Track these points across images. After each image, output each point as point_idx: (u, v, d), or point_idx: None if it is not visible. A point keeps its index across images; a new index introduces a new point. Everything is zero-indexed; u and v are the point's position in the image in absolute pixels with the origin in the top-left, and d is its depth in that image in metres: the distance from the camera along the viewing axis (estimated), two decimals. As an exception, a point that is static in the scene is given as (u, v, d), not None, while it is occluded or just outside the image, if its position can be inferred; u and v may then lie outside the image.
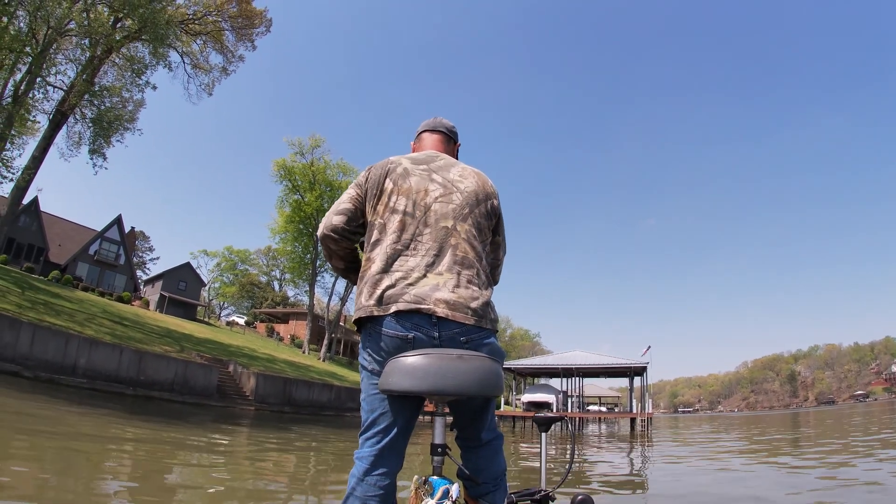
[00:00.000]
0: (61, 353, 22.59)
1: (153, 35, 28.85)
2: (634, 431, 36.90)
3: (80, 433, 11.32)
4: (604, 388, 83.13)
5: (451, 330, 2.07)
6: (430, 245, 2.19)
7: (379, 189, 2.33)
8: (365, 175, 2.42)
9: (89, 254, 58.09)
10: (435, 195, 2.30)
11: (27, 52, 26.62)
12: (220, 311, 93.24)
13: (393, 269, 2.15)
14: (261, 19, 37.76)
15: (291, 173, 56.36)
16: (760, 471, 11.13)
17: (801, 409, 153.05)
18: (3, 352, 20.82)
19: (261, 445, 14.39)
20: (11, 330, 21.38)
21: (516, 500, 2.10)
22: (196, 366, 28.89)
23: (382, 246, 2.21)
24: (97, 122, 30.74)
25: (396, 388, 1.90)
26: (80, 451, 8.92)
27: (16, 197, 29.88)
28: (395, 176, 2.34)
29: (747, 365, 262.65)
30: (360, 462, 2.05)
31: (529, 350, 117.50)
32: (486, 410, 2.27)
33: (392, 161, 2.43)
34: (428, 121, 2.81)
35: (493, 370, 1.97)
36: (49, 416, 13.48)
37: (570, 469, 2.56)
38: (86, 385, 22.63)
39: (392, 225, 2.24)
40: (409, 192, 2.29)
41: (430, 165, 2.42)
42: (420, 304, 2.06)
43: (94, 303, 39.03)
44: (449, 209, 2.28)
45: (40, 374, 21.38)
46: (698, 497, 7.75)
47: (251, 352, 43.43)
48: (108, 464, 8.21)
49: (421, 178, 2.35)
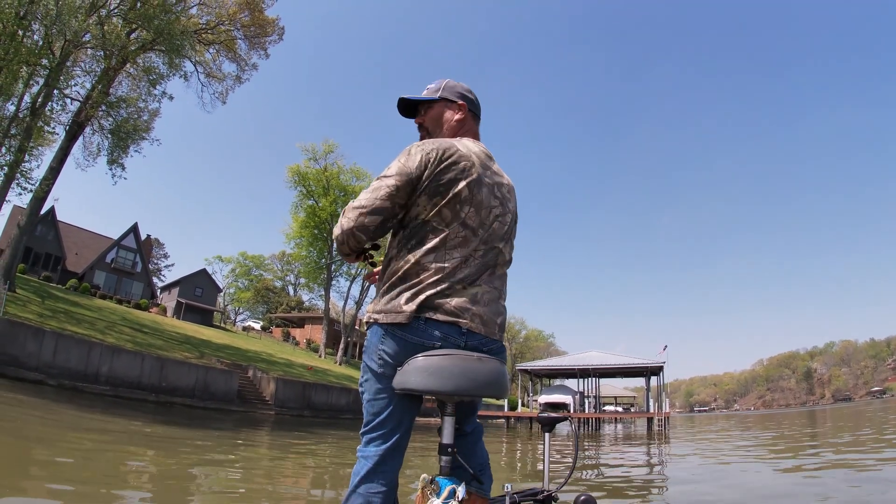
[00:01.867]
0: (84, 362, 22.88)
1: (169, 46, 29.09)
2: (652, 431, 36.78)
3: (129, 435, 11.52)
4: (619, 388, 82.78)
5: (477, 341, 2.09)
6: (480, 262, 2.14)
7: (447, 187, 2.10)
8: (421, 163, 2.11)
9: (106, 262, 58.55)
10: (496, 213, 2.21)
11: (44, 64, 26.91)
12: (236, 316, 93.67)
13: (442, 279, 2.06)
14: (273, 27, 37.82)
15: (305, 179, 56.69)
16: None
17: (818, 407, 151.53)
18: (28, 361, 21.12)
19: (288, 449, 14.51)
20: (35, 339, 21.67)
21: (519, 500, 2.07)
22: (217, 371, 29.17)
23: (438, 255, 2.08)
24: (115, 133, 31.01)
25: (418, 387, 1.92)
26: (133, 453, 9.10)
27: (34, 207, 30.18)
28: (472, 182, 2.14)
29: (763, 363, 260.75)
30: (365, 461, 2.03)
31: (544, 351, 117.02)
32: (478, 406, 2.32)
33: (462, 155, 2.16)
34: (474, 97, 2.50)
35: (504, 373, 2.06)
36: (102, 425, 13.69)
37: (573, 469, 2.54)
38: (109, 392, 22.88)
39: (456, 239, 2.10)
40: (479, 207, 2.15)
41: (492, 174, 2.26)
42: (458, 318, 2.04)
43: (112, 310, 39.41)
44: (502, 231, 2.24)
45: (64, 381, 21.65)
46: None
47: (269, 357, 43.69)
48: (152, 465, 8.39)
49: (489, 189, 2.21)
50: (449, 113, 2.41)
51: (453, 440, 1.99)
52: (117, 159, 31.42)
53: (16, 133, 27.82)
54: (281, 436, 19.14)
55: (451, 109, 2.41)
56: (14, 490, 5.63)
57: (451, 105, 2.41)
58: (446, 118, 2.40)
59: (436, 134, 2.40)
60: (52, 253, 55.02)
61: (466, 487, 1.93)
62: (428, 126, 2.43)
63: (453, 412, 2.02)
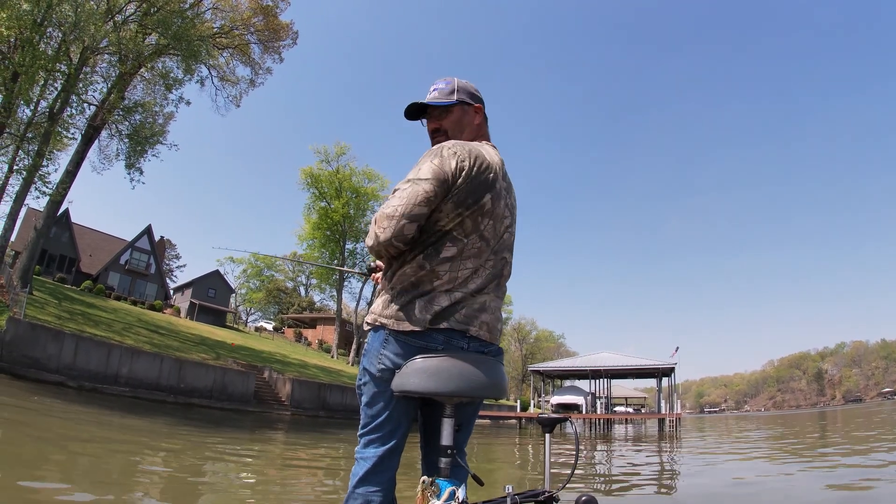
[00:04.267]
0: (104, 363, 23.21)
1: (187, 52, 29.34)
2: (663, 432, 36.82)
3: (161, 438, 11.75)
4: (629, 389, 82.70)
5: (479, 343, 2.12)
6: (490, 272, 2.16)
7: (476, 200, 2.08)
8: (458, 171, 2.07)
9: (120, 263, 58.92)
10: (506, 224, 2.22)
11: (63, 70, 27.18)
12: (247, 316, 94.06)
13: (455, 289, 2.07)
14: (287, 32, 37.98)
15: (318, 181, 57.04)
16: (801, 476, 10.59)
17: (829, 408, 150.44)
18: (48, 363, 21.47)
19: (314, 448, 14.69)
20: (56, 342, 22.01)
21: (520, 501, 2.05)
22: (234, 373, 29.47)
23: (454, 265, 2.08)
24: (132, 138, 31.32)
25: (417, 389, 1.92)
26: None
27: (51, 210, 30.50)
28: (494, 193, 2.13)
29: (773, 363, 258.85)
30: (364, 462, 2.05)
31: (554, 352, 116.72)
32: (476, 412, 2.31)
33: (489, 166, 2.15)
34: (477, 90, 2.45)
35: (503, 374, 2.10)
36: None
37: (574, 469, 2.54)
38: (128, 394, 23.20)
39: (472, 250, 2.10)
40: (497, 220, 2.15)
41: (506, 184, 2.28)
42: (467, 326, 2.06)
43: (128, 312, 39.78)
44: (510, 242, 2.27)
45: (84, 383, 21.98)
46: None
47: (283, 357, 43.94)
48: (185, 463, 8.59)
49: (505, 202, 2.20)
50: (468, 116, 2.37)
51: (452, 441, 2.00)
52: (135, 164, 31.72)
53: (32, 137, 28.14)
54: (298, 436, 19.34)
55: (470, 112, 2.38)
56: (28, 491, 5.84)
57: (469, 107, 2.38)
58: (467, 121, 2.37)
59: (456, 137, 2.31)
60: (67, 255, 55.43)
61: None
62: (448, 129, 2.35)
63: (452, 413, 2.03)
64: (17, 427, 11.22)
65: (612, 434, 36.86)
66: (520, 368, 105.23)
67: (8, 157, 28.59)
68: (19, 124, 27.76)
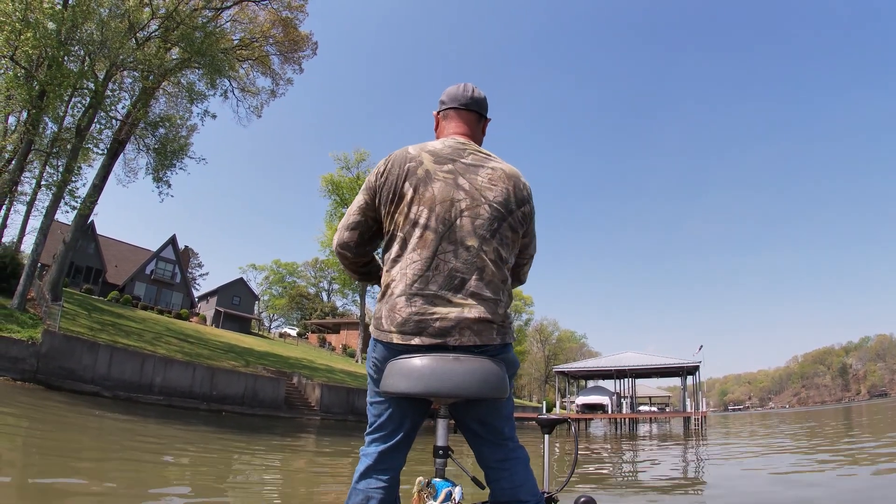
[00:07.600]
0: (138, 373, 23.69)
1: (212, 67, 29.75)
2: (689, 430, 36.77)
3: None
4: (652, 388, 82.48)
5: (467, 346, 2.00)
6: (454, 265, 2.02)
7: (396, 194, 2.11)
8: (376, 175, 2.17)
9: (146, 273, 59.75)
10: (461, 207, 2.07)
11: (89, 87, 27.61)
12: (270, 322, 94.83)
13: (413, 291, 2.00)
14: (306, 43, 38.32)
15: (339, 188, 57.59)
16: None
17: (854, 403, 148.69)
18: (84, 374, 21.97)
19: (348, 452, 14.93)
20: (91, 353, 22.50)
21: None
22: (264, 379, 29.88)
23: (402, 265, 2.06)
24: (159, 152, 31.81)
25: (394, 389, 1.91)
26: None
27: (79, 224, 30.97)
28: (415, 180, 2.10)
29: (797, 359, 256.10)
30: (365, 458, 2.07)
31: (577, 352, 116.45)
32: (496, 418, 2.12)
33: (410, 157, 2.15)
34: (456, 91, 2.42)
35: (493, 371, 1.92)
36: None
37: (573, 470, 2.50)
38: (163, 402, 23.65)
39: (413, 241, 2.06)
40: (431, 203, 2.07)
41: (455, 165, 2.15)
42: (445, 338, 1.96)
43: (156, 321, 40.34)
44: (476, 225, 2.07)
45: (119, 393, 22.44)
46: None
47: (309, 363, 44.24)
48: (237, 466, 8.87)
49: (445, 183, 2.10)
50: (437, 122, 2.49)
51: (447, 442, 1.99)
52: (163, 177, 32.18)
53: (58, 152, 28.67)
54: (332, 441, 19.60)
55: (436, 118, 2.48)
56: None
57: (437, 115, 2.48)
58: (436, 128, 2.49)
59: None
60: (93, 266, 56.35)
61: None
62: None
63: (446, 414, 2.01)
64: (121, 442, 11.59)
65: (637, 433, 36.87)
66: (542, 369, 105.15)
67: (36, 174, 29.10)
68: (46, 140, 28.31)
